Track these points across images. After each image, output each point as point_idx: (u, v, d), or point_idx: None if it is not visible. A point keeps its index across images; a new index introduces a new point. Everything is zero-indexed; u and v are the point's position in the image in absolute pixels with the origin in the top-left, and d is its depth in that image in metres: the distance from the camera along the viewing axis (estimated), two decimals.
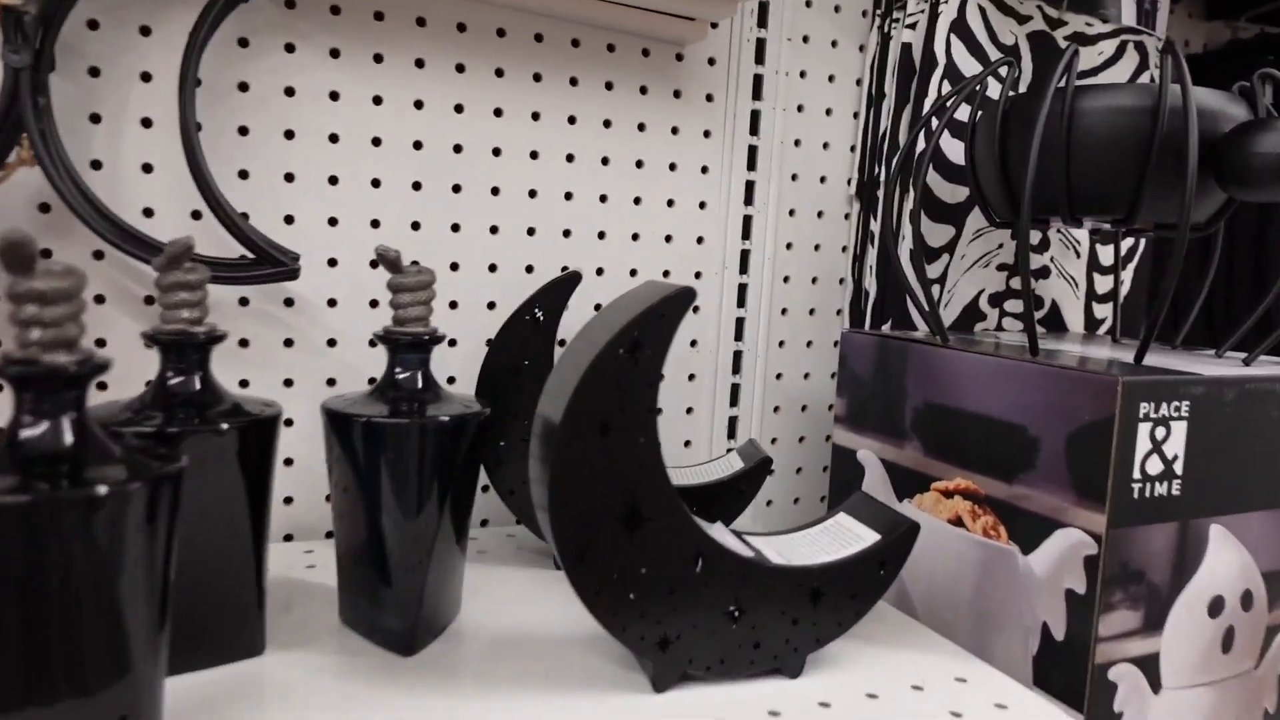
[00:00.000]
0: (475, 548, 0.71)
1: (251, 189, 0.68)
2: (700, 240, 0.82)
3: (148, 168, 0.65)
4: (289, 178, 0.69)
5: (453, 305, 0.74)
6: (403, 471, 0.52)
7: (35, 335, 0.35)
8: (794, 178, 0.85)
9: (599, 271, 0.79)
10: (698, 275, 0.83)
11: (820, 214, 0.87)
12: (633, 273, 0.80)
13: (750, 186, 0.83)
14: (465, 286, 0.74)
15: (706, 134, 0.81)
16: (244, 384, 0.69)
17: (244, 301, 0.68)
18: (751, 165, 0.83)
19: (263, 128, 0.67)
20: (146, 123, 0.64)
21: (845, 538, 0.55)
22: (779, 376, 0.87)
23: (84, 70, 0.62)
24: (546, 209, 0.76)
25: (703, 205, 0.82)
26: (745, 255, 0.84)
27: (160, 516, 0.37)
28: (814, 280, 0.87)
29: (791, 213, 0.85)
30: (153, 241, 0.61)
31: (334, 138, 0.69)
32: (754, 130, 0.83)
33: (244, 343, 0.69)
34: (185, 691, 0.48)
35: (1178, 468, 0.55)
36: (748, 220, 0.84)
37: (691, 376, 0.84)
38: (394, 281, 0.54)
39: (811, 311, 0.88)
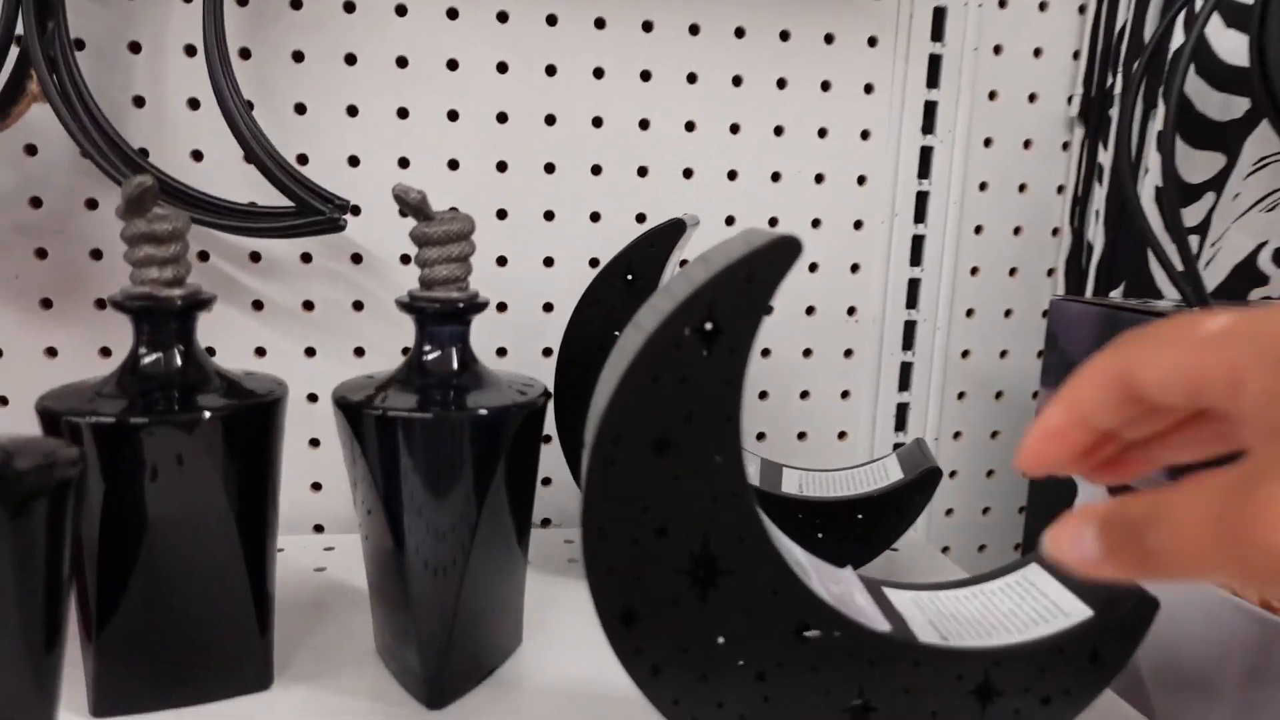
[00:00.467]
0: (541, 556, 0.59)
1: (309, 125, 0.58)
2: (861, 180, 0.65)
3: (194, 103, 0.56)
4: (352, 111, 0.58)
5: (548, 262, 0.62)
6: (425, 477, 0.40)
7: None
8: (991, 96, 0.65)
9: (729, 220, 0.63)
10: (858, 225, 0.65)
11: (1027, 143, 0.66)
12: (772, 221, 0.64)
13: (930, 109, 0.64)
14: (561, 239, 0.61)
15: (872, 41, 0.63)
16: (310, 352, 0.60)
17: (306, 258, 0.59)
18: (933, 81, 0.64)
19: (320, 51, 0.57)
20: (190, 50, 0.55)
21: (1039, 606, 0.38)
22: (965, 354, 0.68)
23: None
24: (660, 143, 0.61)
25: (865, 135, 0.64)
26: (922, 198, 0.66)
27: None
28: (1016, 231, 0.67)
29: (987, 142, 0.65)
30: (180, 186, 0.53)
31: (402, 61, 0.58)
32: (937, 35, 0.63)
33: (308, 305, 0.60)
34: None
35: None
36: (926, 153, 0.65)
37: (848, 352, 0.67)
38: (417, 232, 0.41)
39: (1012, 272, 0.68)
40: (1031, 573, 0.40)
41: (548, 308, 0.62)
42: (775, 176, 0.63)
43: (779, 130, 0.63)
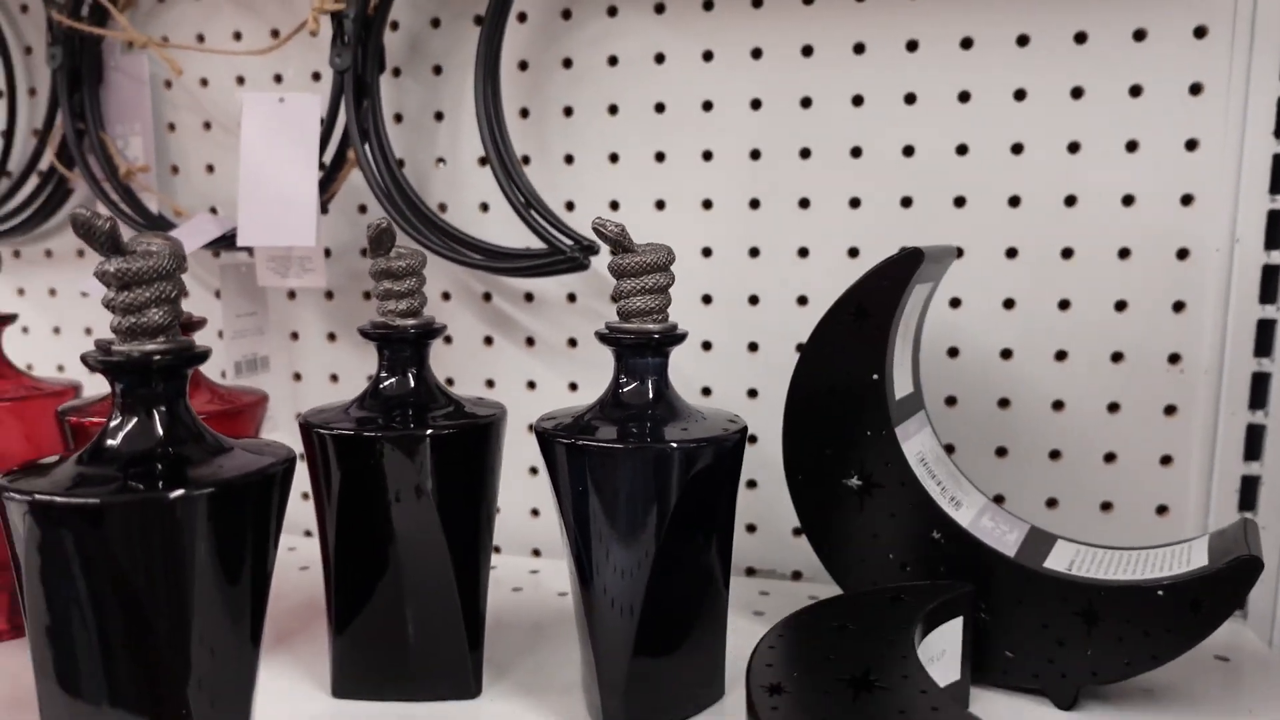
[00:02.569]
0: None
1: (576, 173, 0.62)
2: (1187, 200, 0.53)
3: (483, 160, 0.63)
4: (613, 158, 0.61)
5: (801, 301, 0.59)
6: (609, 508, 0.40)
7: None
8: None
9: (1010, 253, 0.56)
10: (1182, 254, 0.54)
11: None
12: (1066, 253, 0.55)
13: None
14: (816, 276, 0.58)
15: (1199, 32, 0.52)
16: (573, 387, 0.64)
17: (572, 298, 0.63)
18: None
19: (587, 104, 0.61)
20: None
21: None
22: None
23: (428, 69, 0.63)
24: (928, 169, 0.56)
25: (1191, 145, 0.53)
26: (1277, 219, 0.52)
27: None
28: None
29: None
30: (463, 236, 0.59)
31: (659, 107, 0.60)
32: None
33: (573, 342, 0.64)
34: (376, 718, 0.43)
35: None
36: None
37: (1170, 409, 0.55)
38: (613, 265, 0.42)
39: None
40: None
41: (798, 347, 0.59)
42: (1070, 201, 0.55)
43: (1074, 147, 0.54)
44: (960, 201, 0.56)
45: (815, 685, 0.32)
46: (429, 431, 0.42)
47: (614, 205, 0.61)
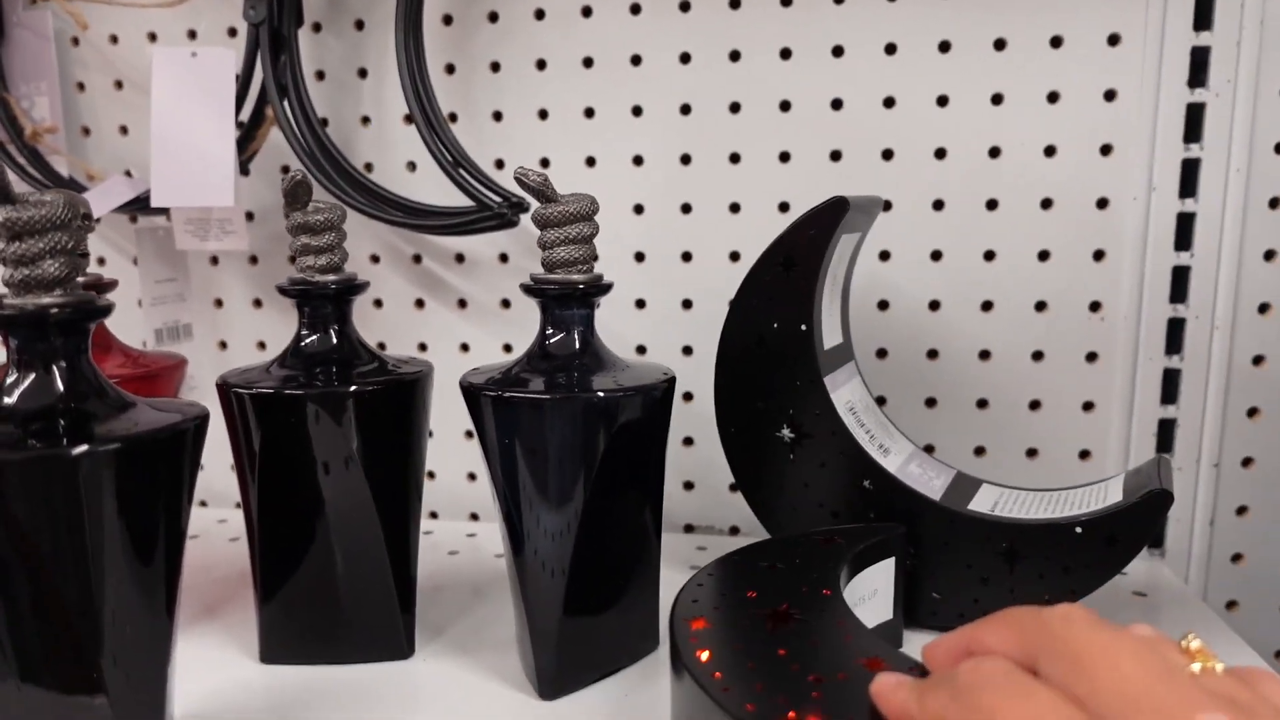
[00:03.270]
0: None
1: (504, 130, 0.61)
2: (1106, 150, 0.54)
3: (409, 118, 0.61)
4: (542, 114, 0.60)
5: (734, 257, 0.59)
6: (535, 462, 0.39)
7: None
8: None
9: (937, 205, 0.56)
10: (1101, 204, 0.55)
11: None
12: (991, 204, 0.56)
13: (1201, 56, 0.52)
14: (749, 232, 0.58)
15: None
16: (507, 348, 0.63)
17: (504, 258, 0.62)
18: (1203, 22, 0.52)
19: (514, 60, 0.60)
20: None
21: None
22: (1258, 361, 0.54)
23: (350, 24, 0.61)
24: (856, 123, 0.56)
25: (1110, 95, 0.54)
26: (1191, 168, 0.54)
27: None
28: None
29: None
30: (389, 195, 0.57)
31: (588, 62, 0.59)
32: None
33: (505, 303, 0.63)
34: (322, 682, 0.42)
35: None
36: (1195, 112, 0.53)
37: (1092, 356, 0.56)
38: (537, 215, 0.41)
39: None
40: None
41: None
42: (994, 152, 0.55)
43: (997, 99, 0.55)
44: (888, 154, 0.56)
45: (735, 618, 0.32)
46: (353, 388, 0.41)
47: (544, 162, 0.60)
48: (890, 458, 0.47)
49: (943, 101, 0.55)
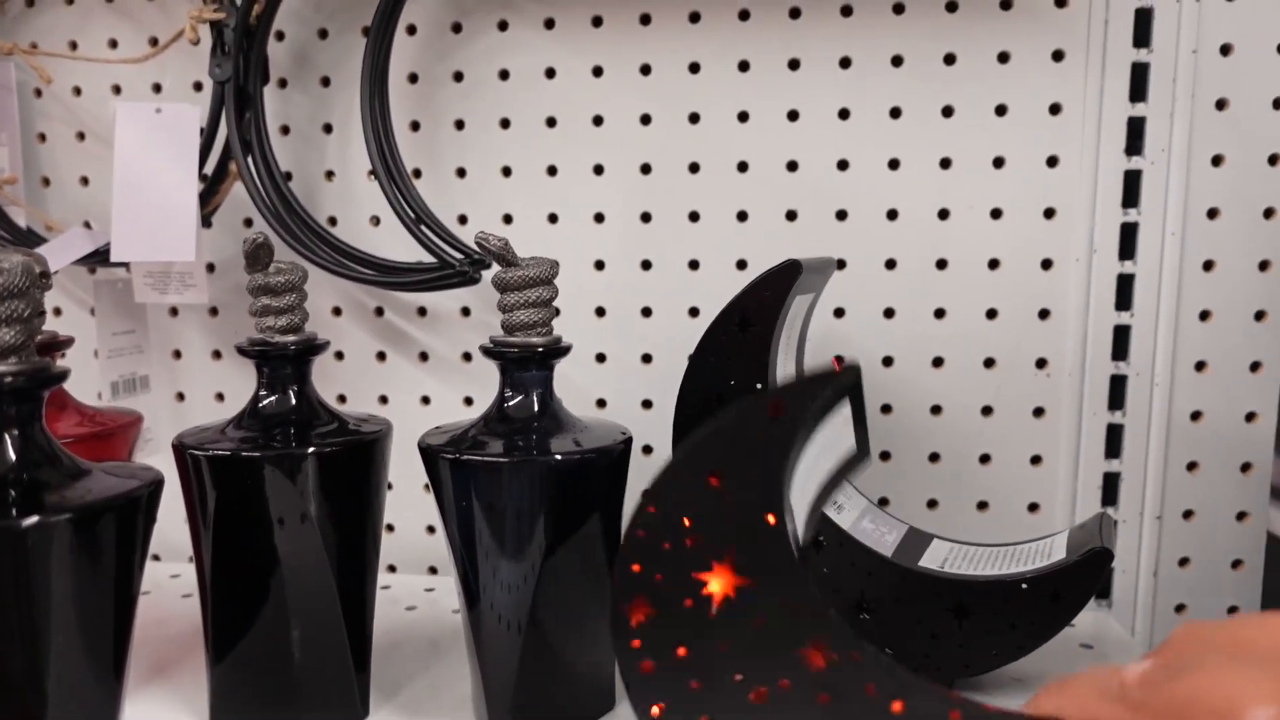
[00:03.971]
0: None
1: (468, 187, 0.62)
2: (1049, 214, 0.56)
3: (374, 174, 0.62)
4: (506, 171, 0.61)
5: (693, 313, 0.60)
6: (493, 522, 0.40)
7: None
8: (1220, 105, 0.54)
9: (889, 264, 0.58)
10: (1046, 265, 0.57)
11: (1274, 159, 0.54)
12: (941, 264, 0.58)
13: (1137, 126, 0.55)
14: (708, 288, 0.60)
15: (1057, 55, 0.55)
16: (468, 402, 0.64)
17: (466, 312, 0.63)
18: (1138, 94, 0.55)
19: (478, 118, 0.61)
20: None
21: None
22: (1196, 417, 0.56)
23: (316, 80, 0.62)
24: (811, 184, 0.58)
25: (1052, 162, 0.56)
26: (1130, 231, 0.56)
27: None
28: (1263, 266, 0.55)
29: (1217, 161, 0.55)
30: (352, 250, 0.58)
31: (551, 121, 0.60)
32: (1141, 40, 0.54)
33: (467, 357, 0.63)
34: None
35: None
36: (1133, 178, 0.55)
37: (1039, 411, 0.58)
38: (497, 278, 0.42)
39: (1260, 316, 0.55)
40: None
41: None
42: (943, 214, 0.57)
43: (945, 163, 0.57)
44: (842, 215, 0.58)
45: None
46: (311, 450, 0.41)
47: (507, 219, 0.61)
48: (844, 514, 0.48)
49: (894, 165, 0.57)
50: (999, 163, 0.56)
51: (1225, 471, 0.56)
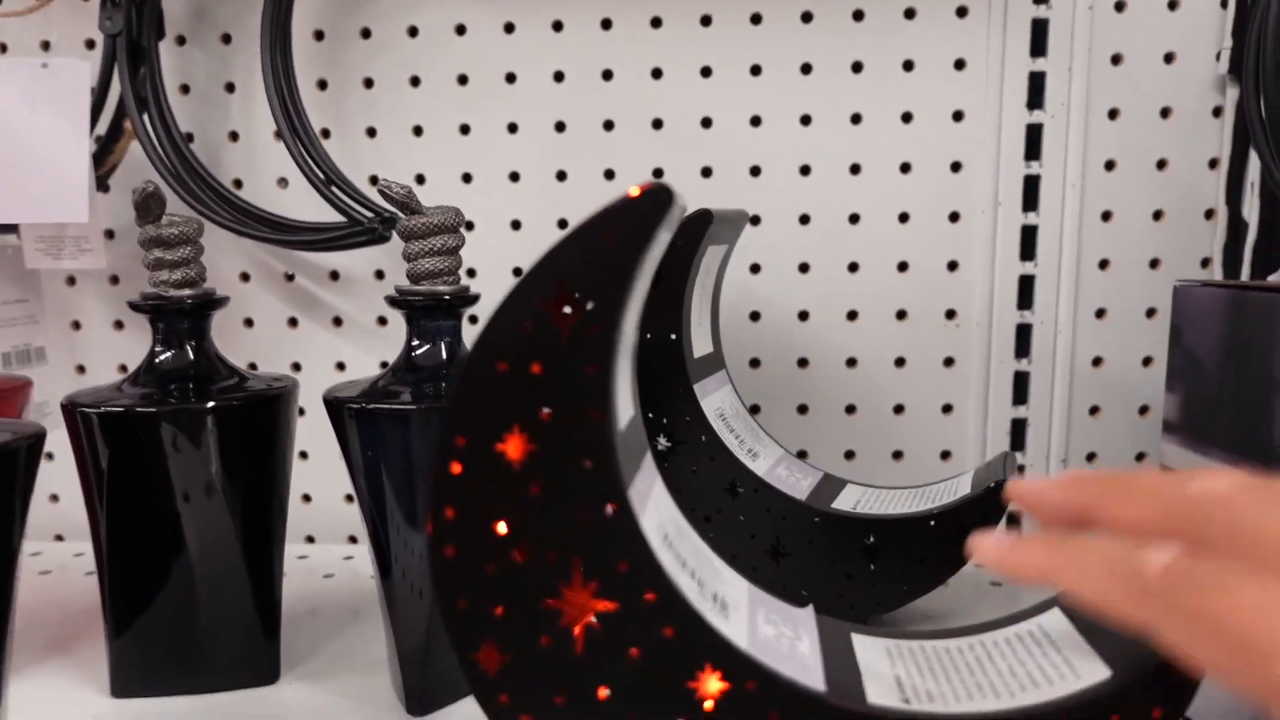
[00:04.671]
0: None
1: (379, 147, 0.60)
2: (956, 167, 0.58)
3: (279, 135, 0.60)
4: (417, 131, 0.60)
5: None
6: (397, 475, 0.39)
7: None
8: (1115, 60, 0.56)
9: (804, 219, 0.59)
10: (953, 217, 0.58)
11: (1166, 112, 0.56)
12: (853, 218, 0.58)
13: (1038, 81, 0.56)
14: None
15: (961, 11, 0.56)
16: (384, 365, 0.62)
17: (380, 275, 0.61)
18: (1038, 49, 0.56)
19: (387, 76, 0.59)
20: None
21: (1049, 663, 0.29)
22: (1097, 362, 0.58)
23: (217, 37, 0.60)
24: (726, 140, 0.58)
25: (958, 116, 0.57)
26: (1033, 183, 0.57)
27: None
28: (1157, 215, 0.57)
29: (1113, 114, 0.56)
30: (257, 211, 0.56)
31: (463, 79, 0.59)
32: None
33: (382, 320, 0.62)
34: (178, 713, 0.40)
35: None
36: (1035, 131, 0.57)
37: (949, 361, 0.59)
38: (401, 226, 0.41)
39: (1154, 264, 0.57)
40: (1049, 620, 0.31)
41: None
42: (855, 169, 0.58)
43: (856, 118, 0.58)
44: (756, 171, 0.58)
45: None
46: (210, 404, 0.40)
47: (420, 179, 0.60)
48: (759, 461, 0.48)
49: (806, 120, 0.58)
50: (907, 118, 0.57)
51: (1125, 414, 0.59)
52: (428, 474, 0.38)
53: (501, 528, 0.27)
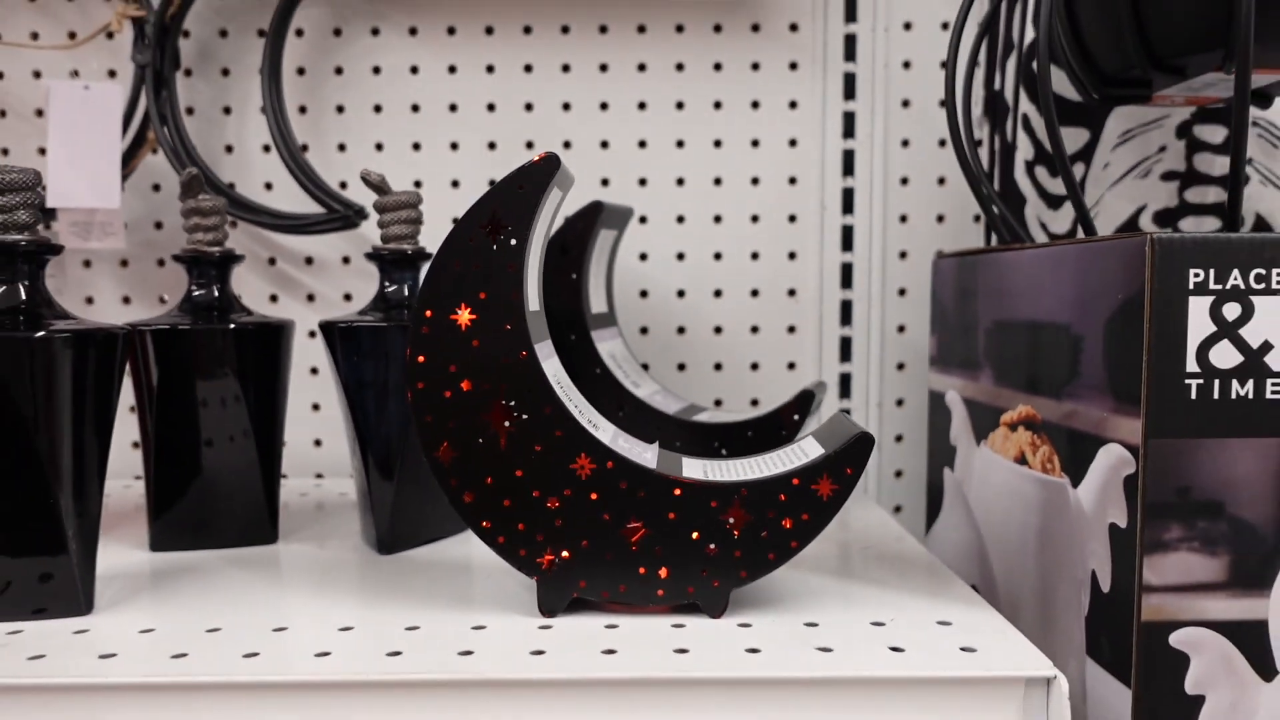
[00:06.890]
0: None
1: (348, 159, 0.76)
2: (793, 180, 0.77)
3: (266, 148, 0.76)
4: (379, 146, 0.76)
5: None
6: (374, 377, 0.54)
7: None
8: (905, 104, 0.76)
9: (680, 219, 0.77)
10: (792, 219, 0.77)
11: (943, 143, 0.76)
12: (717, 219, 0.77)
13: (850, 118, 0.76)
14: None
15: (793, 65, 0.76)
16: None
17: (346, 260, 0.77)
18: (850, 94, 0.76)
19: (356, 105, 0.76)
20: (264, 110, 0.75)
21: (793, 455, 0.46)
22: (901, 329, 0.77)
23: (217, 71, 0.75)
24: (620, 158, 0.76)
25: (793, 143, 0.76)
26: (849, 194, 0.77)
27: (89, 366, 0.44)
28: (940, 218, 0.77)
29: (905, 143, 0.76)
30: (245, 199, 0.72)
31: (415, 108, 0.76)
32: (850, 56, 0.76)
33: (348, 297, 0.77)
34: (199, 560, 0.54)
35: (1275, 361, 0.40)
36: (849, 155, 0.76)
37: (792, 329, 0.77)
38: (377, 203, 0.57)
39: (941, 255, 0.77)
40: (805, 442, 0.47)
41: None
42: (718, 181, 0.76)
43: (718, 143, 0.76)
44: (643, 181, 0.76)
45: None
46: (232, 325, 0.55)
47: None
48: (640, 390, 0.65)
49: (680, 144, 0.76)
50: (756, 143, 0.76)
51: (920, 368, 0.77)
52: (401, 363, 0.54)
53: (453, 369, 0.44)
